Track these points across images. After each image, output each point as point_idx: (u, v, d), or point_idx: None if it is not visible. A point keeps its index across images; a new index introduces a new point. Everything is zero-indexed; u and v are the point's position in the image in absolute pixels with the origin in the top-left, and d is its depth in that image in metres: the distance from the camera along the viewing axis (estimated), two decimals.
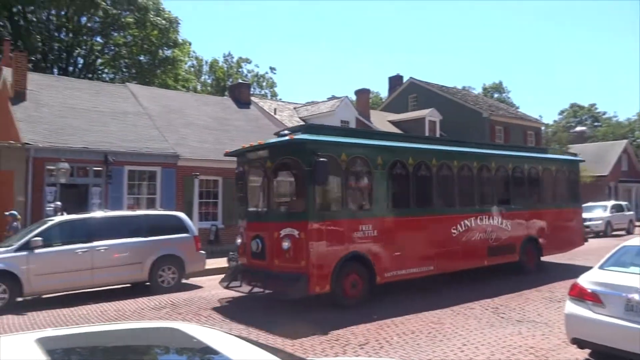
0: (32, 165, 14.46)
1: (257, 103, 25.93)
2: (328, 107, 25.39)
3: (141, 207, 16.33)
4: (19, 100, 16.43)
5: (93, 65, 34.33)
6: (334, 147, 8.76)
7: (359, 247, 8.72)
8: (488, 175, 11.60)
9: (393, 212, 9.48)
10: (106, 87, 22.25)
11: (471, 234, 10.75)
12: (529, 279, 11.49)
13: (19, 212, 14.11)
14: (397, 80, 36.19)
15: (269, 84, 52.36)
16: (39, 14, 31.27)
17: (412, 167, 9.87)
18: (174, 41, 35.42)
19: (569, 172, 13.89)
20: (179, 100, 22.27)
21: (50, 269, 9.61)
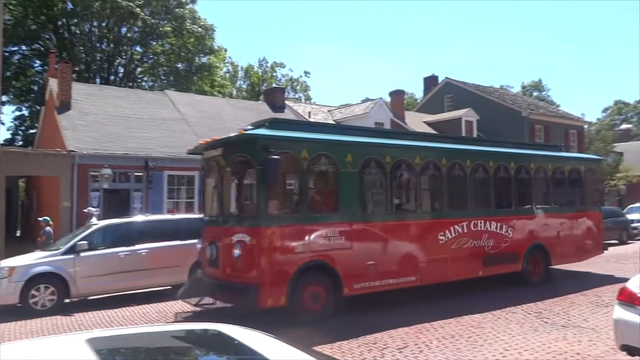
0: (76, 172, 15.03)
1: (292, 107, 26.12)
2: (362, 109, 25.32)
3: (180, 210, 16.70)
4: (64, 110, 17.12)
5: (133, 74, 35.42)
6: (292, 144, 7.90)
7: (322, 255, 7.81)
8: (484, 176, 10.44)
9: (366, 216, 8.59)
10: (145, 94, 22.93)
11: (463, 241, 9.68)
12: (573, 283, 11.11)
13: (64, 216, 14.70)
14: (432, 81, 35.73)
15: (302, 87, 52.71)
16: (82, 26, 32.50)
17: (390, 166, 8.84)
18: (209, 48, 36.13)
19: (586, 173, 12.63)
20: (215, 106, 22.69)
21: (95, 271, 9.94)
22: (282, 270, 7.44)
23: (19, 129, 33.75)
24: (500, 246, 10.30)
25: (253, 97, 46.44)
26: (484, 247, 10.00)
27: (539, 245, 11.03)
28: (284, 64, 51.66)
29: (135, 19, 31.41)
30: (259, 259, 7.32)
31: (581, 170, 12.46)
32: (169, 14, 33.25)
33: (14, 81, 31.41)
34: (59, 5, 31.09)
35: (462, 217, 9.78)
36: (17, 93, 32.58)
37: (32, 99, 32.06)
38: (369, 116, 24.17)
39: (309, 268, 7.72)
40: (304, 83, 52.70)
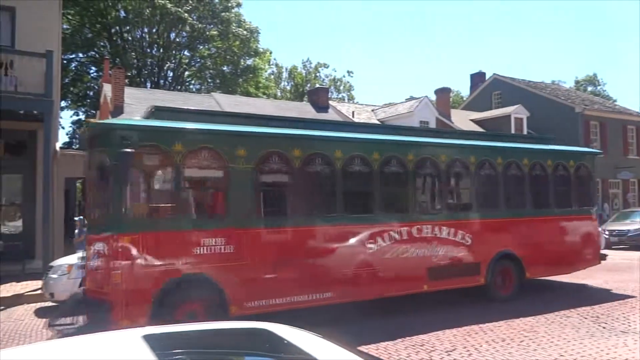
0: None
1: (335, 107, 26.14)
2: (406, 108, 25.02)
3: None
4: (117, 113, 17.83)
5: (181, 78, 36.49)
6: (162, 135, 6.65)
7: (201, 268, 6.57)
8: (434, 173, 8.93)
9: (264, 221, 7.27)
10: (193, 97, 23.57)
11: (401, 249, 8.22)
12: (632, 287, 10.54)
13: None
14: (479, 77, 34.83)
15: (346, 87, 52.73)
16: (134, 32, 33.81)
17: (299, 161, 7.48)
18: (254, 50, 36.73)
19: (577, 168, 10.62)
20: (260, 107, 22.99)
21: None
22: (143, 286, 6.22)
23: (76, 133, 35.53)
24: (455, 256, 8.75)
25: (297, 98, 46.84)
26: (430, 257, 8.49)
27: (509, 254, 9.35)
28: (327, 64, 52.05)
29: (183, 24, 32.36)
30: (111, 273, 6.20)
31: (570, 166, 10.51)
32: (215, 18, 34.05)
33: (72, 87, 33.10)
34: (113, 13, 32.50)
35: (401, 221, 8.31)
36: (75, 98, 34.32)
37: (88, 104, 33.68)
38: (414, 115, 23.85)
39: (184, 283, 6.46)
40: (348, 83, 52.76)
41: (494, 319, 7.75)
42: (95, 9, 31.50)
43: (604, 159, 28.15)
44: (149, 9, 31.41)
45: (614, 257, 16.56)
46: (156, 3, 30.89)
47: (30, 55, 12.75)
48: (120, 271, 6.18)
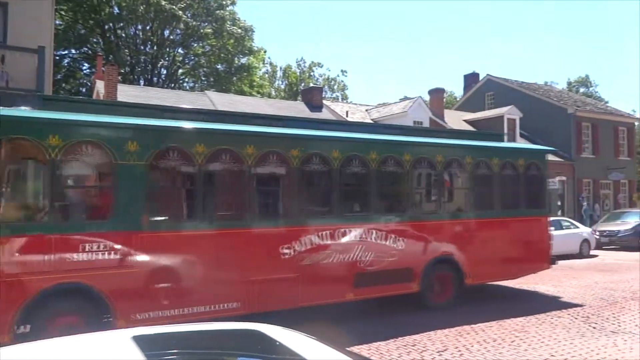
0: None
1: (329, 106, 26.12)
2: (400, 108, 25.05)
3: None
4: None
5: (175, 75, 36.33)
6: (33, 127, 5.87)
7: (78, 276, 5.88)
8: (362, 172, 8.18)
9: (156, 224, 6.49)
10: (187, 95, 23.47)
11: (322, 255, 7.50)
12: (622, 287, 10.63)
13: None
14: (472, 78, 34.95)
15: (340, 86, 52.73)
16: (127, 29, 33.61)
17: (203, 157, 6.71)
18: (249, 49, 36.64)
19: (527, 167, 9.96)
20: (254, 106, 22.94)
21: None
22: (5, 296, 5.55)
23: None
24: (384, 261, 8.05)
25: (291, 97, 46.74)
26: (356, 263, 7.80)
27: (447, 259, 8.77)
28: (321, 63, 52.04)
29: (177, 21, 32.22)
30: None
31: (519, 165, 9.85)
32: (209, 16, 33.94)
33: (64, 83, 32.83)
34: (107, 9, 32.29)
35: (323, 224, 7.61)
36: (67, 95, 34.07)
37: None
38: (407, 115, 23.88)
39: (58, 293, 5.80)
40: (342, 82, 52.76)
41: (485, 319, 7.77)
42: (89, 5, 31.31)
43: (595, 160, 28.41)
44: (142, 5, 31.26)
45: (604, 258, 16.71)
46: (150, 0, 30.74)
47: (22, 50, 12.66)
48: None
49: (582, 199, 26.83)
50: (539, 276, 12.45)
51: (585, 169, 27.64)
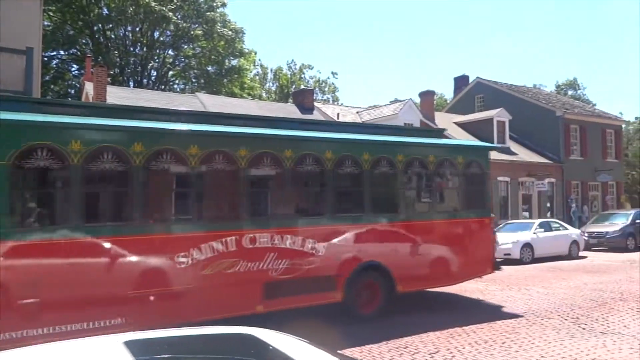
0: None
1: (320, 108, 26.14)
2: (391, 111, 25.14)
3: None
4: None
5: (165, 77, 36.17)
6: None
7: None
8: (274, 172, 7.46)
9: (20, 232, 5.70)
10: (177, 97, 23.37)
11: (226, 263, 6.77)
12: (611, 288, 10.74)
13: None
14: (462, 81, 35.18)
15: (331, 89, 52.81)
16: (117, 30, 33.41)
17: (80, 157, 5.94)
18: (239, 51, 36.58)
19: (467, 166, 9.28)
20: (245, 108, 22.88)
21: None
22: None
23: None
24: (301, 269, 7.35)
25: (282, 99, 46.70)
26: (267, 271, 7.07)
27: (374, 265, 8.08)
28: (312, 65, 51.99)
29: (167, 23, 32.09)
30: None
31: (458, 163, 9.17)
32: (200, 18, 33.85)
33: (53, 85, 32.57)
34: (96, 10, 32.11)
35: (226, 229, 6.89)
36: (56, 96, 33.70)
37: None
38: (398, 117, 23.98)
39: None
40: (332, 84, 52.84)
41: (476, 321, 7.81)
42: (78, 6, 31.10)
43: (583, 162, 28.70)
44: (132, 7, 31.09)
45: (593, 259, 16.88)
46: (140, 1, 30.60)
47: (10, 51, 12.52)
48: None
49: (570, 200, 27.08)
50: (529, 278, 12.57)
51: (573, 171, 27.91)
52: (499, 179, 24.68)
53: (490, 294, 10.45)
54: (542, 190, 25.87)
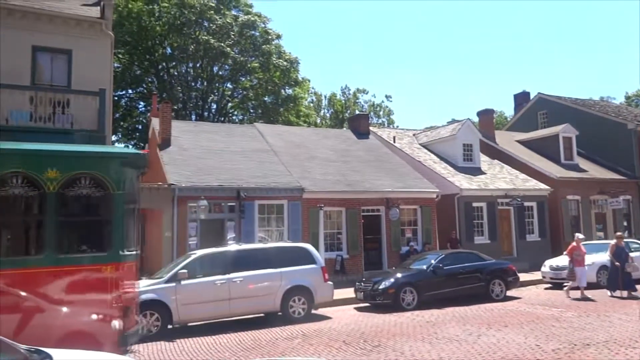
0: (176, 204, 16.03)
1: (376, 132, 26.11)
2: (448, 132, 24.67)
3: (271, 239, 17.14)
4: (165, 146, 18.46)
5: (225, 109, 37.57)
6: None
7: None
8: None
9: None
10: (236, 128, 24.17)
11: None
12: None
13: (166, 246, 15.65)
14: (523, 97, 34.05)
15: (385, 112, 52.68)
16: (179, 68, 35.27)
17: None
18: (294, 80, 37.44)
19: (67, 185, 6.46)
20: (302, 136, 23.30)
21: (195, 299, 10.44)
22: None
23: None
24: None
25: (337, 125, 47.13)
26: None
27: None
28: (366, 90, 52.09)
29: (226, 57, 33.49)
30: None
31: (47, 180, 6.34)
32: (256, 51, 35.07)
33: (122, 122, 34.67)
34: (160, 50, 34.12)
35: None
36: (125, 132, 35.89)
37: (138, 137, 35.12)
38: (457, 138, 23.48)
39: None
40: (387, 107, 52.71)
41: None
42: (144, 47, 33.18)
43: None
44: (193, 44, 32.77)
45: None
46: (200, 39, 32.22)
47: (85, 94, 13.48)
48: None
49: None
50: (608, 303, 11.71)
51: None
52: (568, 197, 23.44)
53: (567, 321, 9.80)
54: (616, 208, 24.26)
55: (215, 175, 17.25)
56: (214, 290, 10.66)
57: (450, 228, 20.23)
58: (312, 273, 11.75)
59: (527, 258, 20.62)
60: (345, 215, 18.61)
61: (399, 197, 19.28)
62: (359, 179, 19.65)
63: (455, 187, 20.59)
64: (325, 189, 18.27)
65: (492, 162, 24.86)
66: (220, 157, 18.85)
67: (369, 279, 13.41)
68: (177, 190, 15.99)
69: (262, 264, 11.37)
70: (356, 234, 18.55)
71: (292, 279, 11.42)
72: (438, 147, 24.61)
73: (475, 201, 21.00)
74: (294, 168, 19.19)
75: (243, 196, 16.60)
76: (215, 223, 16.82)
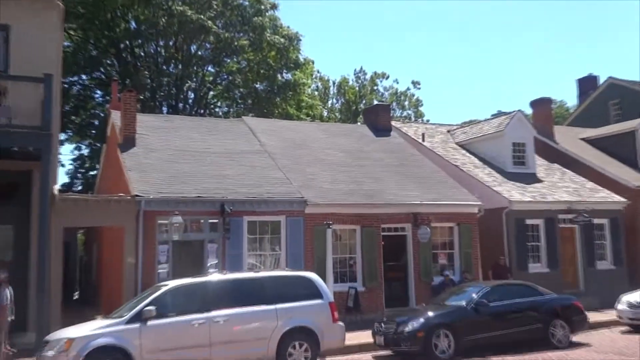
0: (142, 220, 15.97)
1: (400, 128, 26.06)
2: (494, 127, 24.59)
3: (264, 266, 17.03)
4: (128, 146, 18.46)
5: (205, 99, 37.65)
6: None
7: None
8: None
9: None
10: (220, 123, 24.17)
11: None
12: None
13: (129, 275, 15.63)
14: (589, 83, 33.94)
15: (412, 102, 52.69)
16: (147, 47, 35.37)
17: None
18: (294, 62, 37.47)
19: None
20: (304, 132, 23.27)
21: (165, 344, 10.34)
22: None
23: (78, 171, 37.02)
24: None
25: (349, 119, 47.21)
26: None
27: None
28: (387, 74, 52.10)
29: (206, 34, 33.56)
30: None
31: None
32: (245, 25, 35.07)
33: (73, 116, 34.75)
34: (122, 25, 34.17)
35: None
36: (77, 129, 35.96)
37: (93, 136, 35.17)
38: (505, 135, 23.36)
39: None
40: (414, 97, 52.70)
41: None
42: (101, 21, 33.12)
43: None
44: (164, 17, 32.78)
45: None
46: (174, 10, 32.23)
47: (26, 80, 13.49)
48: None
49: None
50: None
51: None
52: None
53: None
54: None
55: (193, 184, 17.21)
56: (190, 333, 10.55)
57: (496, 252, 20.05)
58: (318, 311, 11.61)
59: (598, 292, 20.37)
60: (361, 235, 18.49)
61: (430, 212, 19.16)
62: (377, 188, 19.57)
63: (503, 199, 20.46)
64: (335, 201, 18.18)
65: (551, 166, 24.68)
66: (199, 160, 18.82)
67: (392, 319, 13.29)
68: (143, 203, 15.95)
69: (252, 298, 11.26)
70: (374, 259, 18.42)
71: (292, 319, 11.29)
72: (480, 147, 24.51)
73: (529, 217, 20.84)
74: (294, 174, 19.12)
75: (228, 211, 16.53)
76: (192, 245, 16.75)
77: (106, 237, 19.91)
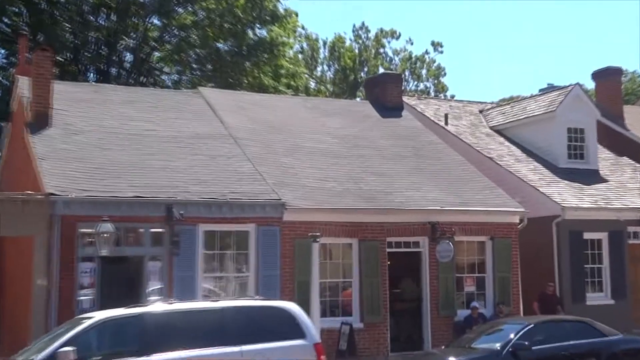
0: (58, 229, 15.83)
1: (415, 107, 26.05)
2: (542, 107, 24.63)
3: (226, 293, 16.95)
4: (40, 126, 18.23)
5: (147, 63, 37.40)
6: None
7: None
8: None
9: None
10: (167, 95, 24.02)
11: None
12: None
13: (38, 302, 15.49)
14: None
15: (432, 72, 52.61)
16: None
17: None
18: (271, 13, 37.27)
19: None
20: (283, 110, 23.17)
21: None
22: None
23: None
24: None
25: (345, 93, 47.12)
26: None
27: None
28: (398, 32, 52.07)
29: None
30: None
31: None
32: None
33: None
34: None
35: None
36: None
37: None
38: (556, 117, 23.40)
39: None
40: (435, 63, 52.62)
41: None
42: None
43: None
44: None
45: None
46: None
47: None
48: None
49: None
50: None
51: None
52: None
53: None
54: None
55: (130, 180, 17.11)
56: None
57: (543, 277, 20.10)
58: (298, 354, 11.61)
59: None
60: (359, 252, 18.47)
61: (454, 221, 19.21)
62: (382, 188, 19.57)
63: (554, 205, 20.55)
64: (323, 204, 18.17)
65: (619, 160, 24.78)
66: (138, 146, 18.71)
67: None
68: (59, 205, 15.83)
69: (209, 338, 11.20)
70: (377, 285, 18.42)
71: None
72: (523, 134, 24.60)
73: (588, 229, 20.95)
74: (269, 167, 19.06)
75: (178, 216, 16.45)
76: (127, 264, 16.67)
77: (9, 251, 19.70)
